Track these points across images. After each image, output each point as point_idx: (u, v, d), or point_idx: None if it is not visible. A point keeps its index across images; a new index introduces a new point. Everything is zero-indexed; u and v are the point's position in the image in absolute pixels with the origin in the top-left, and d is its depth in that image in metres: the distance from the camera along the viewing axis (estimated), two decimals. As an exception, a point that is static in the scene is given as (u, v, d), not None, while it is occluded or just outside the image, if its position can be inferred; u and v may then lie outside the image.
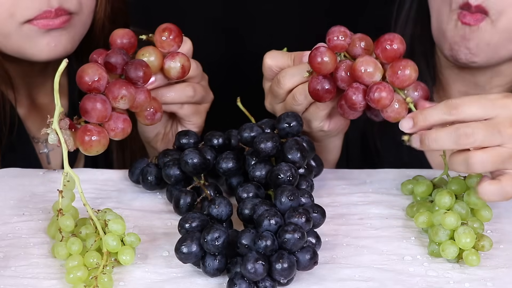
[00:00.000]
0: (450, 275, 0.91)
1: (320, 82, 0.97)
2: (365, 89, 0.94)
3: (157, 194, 1.07)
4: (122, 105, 0.96)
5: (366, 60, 0.94)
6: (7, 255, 0.93)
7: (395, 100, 0.94)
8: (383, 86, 0.93)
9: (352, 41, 0.96)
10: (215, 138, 1.06)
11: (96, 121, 0.95)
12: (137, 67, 0.98)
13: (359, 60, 0.94)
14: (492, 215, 0.96)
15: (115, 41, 1.02)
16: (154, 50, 1.03)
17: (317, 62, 0.95)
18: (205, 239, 0.88)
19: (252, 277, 0.85)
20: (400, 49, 0.94)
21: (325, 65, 0.95)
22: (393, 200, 1.04)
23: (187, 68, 1.04)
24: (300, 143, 0.98)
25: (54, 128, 0.93)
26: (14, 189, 1.06)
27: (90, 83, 0.95)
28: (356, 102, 0.95)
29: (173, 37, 1.03)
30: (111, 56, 0.98)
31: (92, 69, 0.96)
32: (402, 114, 0.94)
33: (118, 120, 0.97)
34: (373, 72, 0.93)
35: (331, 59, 0.95)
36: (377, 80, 0.94)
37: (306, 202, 0.94)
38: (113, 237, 0.90)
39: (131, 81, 0.97)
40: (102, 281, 0.87)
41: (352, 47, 0.96)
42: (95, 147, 0.95)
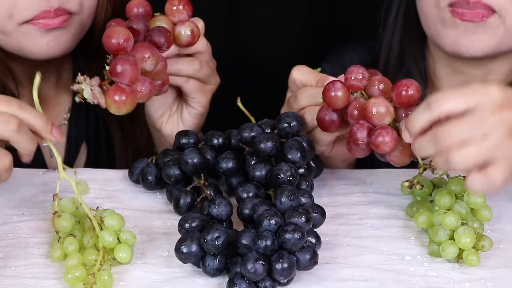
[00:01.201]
0: (450, 275, 0.91)
1: (328, 114, 0.98)
2: (370, 128, 0.94)
3: (157, 194, 1.07)
4: (149, 66, 0.98)
5: (379, 101, 0.93)
6: (7, 255, 0.93)
7: (400, 145, 0.93)
8: (386, 131, 0.92)
9: (371, 81, 0.95)
10: (215, 138, 1.06)
11: (128, 82, 0.97)
12: (162, 32, 1.02)
13: (372, 101, 0.93)
14: (492, 215, 0.96)
15: (132, 9, 1.05)
16: (166, 18, 1.06)
17: (329, 96, 0.96)
18: (205, 239, 0.88)
19: (252, 277, 0.85)
20: (415, 96, 0.92)
21: (336, 100, 0.95)
22: (393, 200, 1.05)
23: (197, 34, 1.07)
24: (300, 143, 0.98)
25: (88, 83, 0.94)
26: (14, 189, 1.06)
27: (119, 43, 0.97)
28: (359, 138, 0.95)
29: (183, 5, 1.07)
30: (134, 22, 1.01)
31: (120, 30, 0.98)
32: (405, 160, 0.94)
33: (145, 82, 0.99)
34: (383, 114, 0.93)
35: (343, 96, 0.95)
36: (386, 123, 0.93)
37: (306, 202, 0.94)
38: (109, 233, 0.91)
39: (155, 45, 1.00)
40: (101, 279, 0.87)
41: (370, 87, 0.95)
42: (127, 105, 0.97)
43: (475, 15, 1.14)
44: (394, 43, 1.30)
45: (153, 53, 0.99)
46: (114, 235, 0.91)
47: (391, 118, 0.94)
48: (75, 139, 1.27)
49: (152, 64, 0.99)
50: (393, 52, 1.30)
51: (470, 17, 1.14)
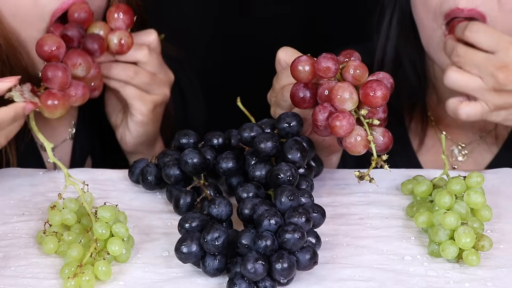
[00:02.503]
0: (450, 275, 0.91)
1: (300, 89, 0.98)
2: (332, 112, 0.95)
3: (157, 194, 1.07)
4: (81, 72, 1.04)
5: (344, 87, 0.94)
6: (7, 255, 0.93)
7: (357, 134, 0.94)
8: (344, 115, 0.93)
9: (347, 66, 0.96)
10: (215, 138, 1.06)
11: (58, 87, 1.02)
12: (94, 39, 1.07)
13: (338, 84, 0.94)
14: (492, 215, 0.96)
15: (72, 14, 1.09)
16: (104, 25, 1.10)
17: (295, 69, 0.97)
18: (205, 239, 0.88)
19: (252, 277, 0.85)
20: (378, 102, 0.93)
21: (300, 73, 0.97)
22: (393, 200, 1.04)
23: (126, 44, 1.10)
24: (300, 143, 0.98)
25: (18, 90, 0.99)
26: (14, 189, 1.06)
27: (49, 52, 1.03)
28: (319, 119, 0.96)
29: (122, 14, 1.10)
30: (68, 29, 1.06)
31: (51, 38, 1.04)
32: (359, 149, 0.94)
33: (78, 87, 1.05)
34: (346, 99, 0.93)
35: (309, 70, 0.96)
36: (347, 109, 0.94)
37: (306, 202, 0.94)
38: (102, 225, 0.91)
39: (88, 52, 1.05)
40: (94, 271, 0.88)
41: (345, 72, 0.96)
42: (59, 109, 1.02)
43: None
44: (388, 49, 1.30)
45: (84, 59, 1.04)
46: (107, 228, 0.91)
47: (353, 104, 0.94)
48: (79, 153, 1.27)
49: (83, 70, 1.04)
50: (387, 57, 1.30)
51: None
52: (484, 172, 1.10)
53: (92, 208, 0.94)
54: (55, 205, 0.95)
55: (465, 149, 1.29)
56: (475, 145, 1.29)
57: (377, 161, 0.94)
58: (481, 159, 1.29)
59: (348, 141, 0.94)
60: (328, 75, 0.96)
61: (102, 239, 0.91)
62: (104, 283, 0.89)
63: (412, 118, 1.31)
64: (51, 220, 0.94)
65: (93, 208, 0.93)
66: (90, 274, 0.88)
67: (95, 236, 0.91)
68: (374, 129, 0.95)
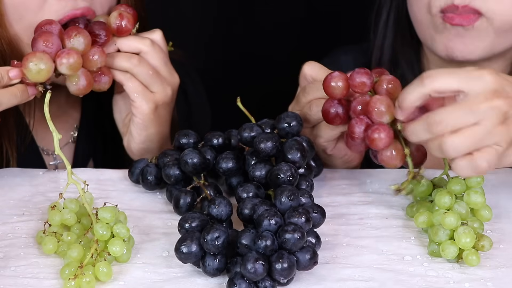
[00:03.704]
0: (450, 275, 0.91)
1: (333, 106, 0.99)
2: (369, 125, 0.95)
3: (157, 194, 1.07)
4: (77, 43, 1.03)
5: (382, 99, 0.94)
6: (7, 255, 0.93)
7: (394, 147, 0.94)
8: (383, 128, 0.93)
9: (380, 80, 0.97)
10: (215, 138, 1.06)
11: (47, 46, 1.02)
12: (100, 24, 1.09)
13: (375, 97, 0.95)
14: (492, 215, 0.97)
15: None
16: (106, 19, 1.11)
17: (328, 86, 0.97)
18: (205, 239, 0.88)
19: (252, 277, 0.85)
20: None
21: (334, 89, 0.97)
22: (393, 200, 1.05)
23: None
24: (300, 143, 0.98)
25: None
26: (14, 189, 1.06)
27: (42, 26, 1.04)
28: (356, 132, 0.96)
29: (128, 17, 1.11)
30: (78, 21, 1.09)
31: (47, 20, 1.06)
32: (395, 162, 0.95)
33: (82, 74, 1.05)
34: (383, 112, 0.94)
35: (342, 86, 0.97)
36: (385, 122, 0.94)
37: (306, 202, 0.94)
38: (102, 226, 0.91)
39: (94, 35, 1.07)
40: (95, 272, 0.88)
41: (379, 86, 0.96)
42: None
43: (464, 18, 1.15)
44: (385, 48, 1.30)
45: (80, 31, 1.04)
46: (108, 229, 0.91)
47: (390, 118, 0.94)
48: (81, 157, 1.28)
49: (80, 41, 1.03)
50: (384, 56, 1.30)
51: (459, 21, 1.16)
52: (484, 172, 1.10)
53: (93, 209, 0.94)
54: (55, 205, 0.95)
55: None
56: None
57: (414, 175, 0.94)
58: None
59: (385, 154, 0.94)
60: (364, 90, 0.96)
61: (102, 240, 0.91)
62: (104, 283, 0.89)
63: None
64: (51, 220, 0.94)
65: (94, 209, 0.93)
66: (90, 275, 0.88)
67: (96, 237, 0.91)
68: (408, 143, 0.95)
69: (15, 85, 1.01)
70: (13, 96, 1.00)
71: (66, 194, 0.97)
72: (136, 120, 1.13)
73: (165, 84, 1.13)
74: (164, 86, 1.13)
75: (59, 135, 0.97)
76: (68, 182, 0.95)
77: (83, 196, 0.94)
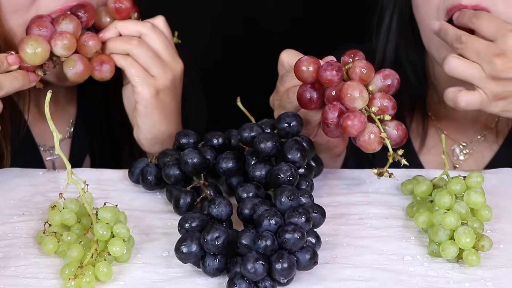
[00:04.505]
0: (450, 275, 0.91)
1: (307, 90, 0.99)
2: (342, 110, 0.95)
3: (157, 194, 1.07)
4: (65, 26, 1.06)
5: (354, 85, 0.94)
6: (7, 255, 0.93)
7: (370, 131, 0.94)
8: (355, 114, 0.94)
9: (353, 66, 0.96)
10: (215, 138, 1.06)
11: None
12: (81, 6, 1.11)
13: (347, 83, 0.95)
14: (492, 215, 0.96)
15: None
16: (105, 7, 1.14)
17: (298, 70, 0.97)
18: (205, 239, 0.88)
19: (252, 277, 0.85)
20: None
21: (304, 73, 0.97)
22: (393, 200, 1.05)
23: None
24: (300, 143, 0.98)
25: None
26: (14, 189, 1.06)
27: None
28: (329, 118, 0.96)
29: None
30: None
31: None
32: (373, 147, 0.94)
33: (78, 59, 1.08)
34: (355, 98, 0.94)
35: (313, 70, 0.97)
36: (358, 107, 0.94)
37: (306, 202, 0.94)
38: (102, 226, 0.91)
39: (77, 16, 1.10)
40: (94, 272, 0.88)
41: (352, 72, 0.96)
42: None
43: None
44: (388, 51, 1.30)
45: (66, 15, 1.07)
46: (108, 229, 0.91)
47: (363, 103, 0.94)
48: (78, 152, 1.27)
49: (67, 24, 1.07)
50: (387, 59, 1.30)
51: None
52: (484, 172, 1.10)
53: (93, 209, 0.94)
54: (55, 205, 0.95)
55: (466, 148, 1.29)
56: (476, 144, 1.29)
57: (393, 156, 0.94)
58: (481, 157, 1.29)
59: (362, 139, 0.94)
60: (333, 85, 0.96)
61: (102, 240, 0.91)
62: (104, 283, 0.89)
63: (413, 119, 1.32)
64: (51, 220, 0.94)
65: (94, 209, 0.93)
66: (90, 275, 0.88)
67: (96, 237, 0.91)
68: (387, 124, 0.95)
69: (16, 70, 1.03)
70: (14, 79, 1.03)
71: (66, 194, 0.97)
72: (139, 107, 1.13)
73: (166, 68, 1.13)
74: (165, 70, 1.13)
75: (60, 135, 0.97)
76: (68, 182, 0.95)
77: (83, 196, 0.94)
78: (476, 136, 1.29)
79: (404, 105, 1.30)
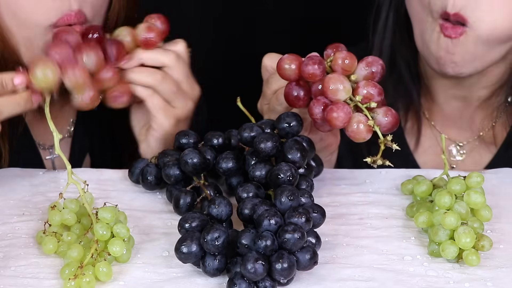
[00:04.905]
0: (450, 275, 0.91)
1: (293, 88, 0.99)
2: (327, 104, 0.95)
3: (157, 194, 1.07)
4: (88, 61, 1.01)
5: (335, 77, 0.94)
6: (7, 255, 0.93)
7: (358, 121, 0.94)
8: (337, 106, 0.93)
9: (335, 58, 0.96)
10: (215, 138, 1.06)
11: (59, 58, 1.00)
12: (114, 43, 1.04)
13: (328, 76, 0.95)
14: (492, 215, 0.96)
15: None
16: (130, 31, 1.07)
17: (281, 68, 0.98)
18: (205, 239, 0.88)
19: (252, 277, 0.85)
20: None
21: (286, 71, 0.98)
22: (393, 200, 1.04)
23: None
24: (300, 143, 0.98)
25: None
26: (14, 189, 1.06)
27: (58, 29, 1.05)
28: (315, 113, 0.96)
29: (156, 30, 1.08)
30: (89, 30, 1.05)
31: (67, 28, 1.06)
32: (363, 136, 0.94)
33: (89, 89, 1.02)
34: (338, 90, 0.94)
35: (295, 67, 0.97)
36: (341, 99, 0.94)
37: (306, 202, 0.94)
38: (102, 226, 0.91)
39: (105, 55, 1.03)
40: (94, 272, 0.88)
41: (334, 64, 0.96)
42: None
43: (452, 30, 1.15)
44: (384, 48, 1.30)
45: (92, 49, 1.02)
46: (108, 229, 0.91)
47: (346, 93, 0.94)
48: (78, 152, 1.27)
49: (91, 60, 1.01)
50: (383, 56, 1.30)
51: (449, 32, 1.15)
52: (484, 172, 1.10)
53: (93, 209, 0.94)
54: (55, 205, 0.95)
55: (463, 148, 1.29)
56: (473, 145, 1.29)
57: (385, 142, 0.93)
58: (479, 158, 1.29)
59: (350, 130, 0.94)
60: (316, 79, 0.96)
61: (102, 240, 0.91)
62: (104, 283, 0.89)
63: (408, 119, 1.32)
64: (51, 220, 0.95)
65: (94, 209, 0.93)
66: (90, 275, 0.88)
67: (96, 237, 0.91)
68: (375, 111, 0.95)
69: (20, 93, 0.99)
70: (16, 105, 0.99)
71: (66, 194, 0.97)
72: (156, 134, 1.11)
73: (187, 99, 1.11)
74: (186, 100, 1.11)
75: (60, 135, 0.97)
76: (68, 182, 0.95)
77: (83, 196, 0.94)
78: (473, 136, 1.29)
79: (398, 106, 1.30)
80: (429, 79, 1.29)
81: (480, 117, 1.28)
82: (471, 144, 1.29)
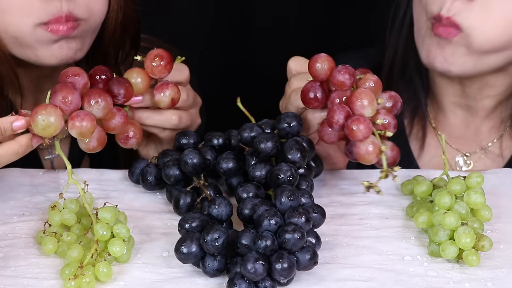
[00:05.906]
0: (450, 275, 0.91)
1: (313, 88, 0.99)
2: (349, 114, 0.95)
3: (157, 194, 1.07)
4: (96, 109, 0.96)
5: (366, 93, 0.95)
6: (7, 255, 0.93)
7: (371, 142, 0.94)
8: (364, 120, 0.94)
9: (365, 78, 0.97)
10: (215, 138, 1.06)
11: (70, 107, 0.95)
12: (121, 83, 1.00)
13: (360, 90, 0.95)
14: (492, 215, 0.96)
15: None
16: (141, 72, 1.04)
17: (313, 66, 0.98)
18: (205, 240, 0.88)
19: (252, 277, 0.85)
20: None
21: (318, 70, 0.97)
22: (393, 200, 1.04)
23: (177, 100, 1.05)
24: (300, 143, 0.98)
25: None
26: (14, 189, 1.06)
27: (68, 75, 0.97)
28: (335, 118, 0.95)
29: (164, 64, 1.04)
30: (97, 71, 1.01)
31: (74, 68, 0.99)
32: (371, 158, 0.94)
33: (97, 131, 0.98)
34: (366, 105, 0.94)
35: (327, 68, 0.97)
36: (366, 115, 0.94)
37: (306, 202, 0.94)
38: (102, 226, 0.91)
39: (112, 95, 0.99)
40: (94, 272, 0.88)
41: (363, 83, 0.97)
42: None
43: (444, 31, 1.15)
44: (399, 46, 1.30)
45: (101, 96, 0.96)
46: (108, 229, 0.91)
47: (372, 112, 0.95)
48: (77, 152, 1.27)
49: (99, 108, 0.96)
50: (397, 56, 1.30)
51: (439, 32, 1.15)
52: (484, 172, 1.10)
53: (93, 209, 0.94)
54: (55, 205, 0.95)
55: (470, 158, 1.29)
56: (480, 156, 1.28)
57: (387, 173, 0.94)
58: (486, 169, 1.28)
59: (362, 147, 0.94)
60: (343, 88, 0.96)
61: (102, 240, 0.91)
62: (104, 284, 0.89)
63: (414, 125, 1.31)
64: (51, 220, 0.95)
65: (94, 209, 0.94)
66: (90, 275, 0.88)
67: (96, 237, 0.91)
68: (384, 142, 0.95)
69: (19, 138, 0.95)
70: (14, 154, 0.96)
71: (66, 194, 0.97)
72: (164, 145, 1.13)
73: (194, 123, 1.13)
74: (193, 124, 1.12)
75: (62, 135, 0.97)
76: (68, 182, 0.95)
77: (83, 196, 0.94)
78: (479, 147, 1.29)
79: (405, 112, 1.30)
80: (436, 86, 1.29)
81: (487, 128, 1.28)
82: (477, 155, 1.29)
